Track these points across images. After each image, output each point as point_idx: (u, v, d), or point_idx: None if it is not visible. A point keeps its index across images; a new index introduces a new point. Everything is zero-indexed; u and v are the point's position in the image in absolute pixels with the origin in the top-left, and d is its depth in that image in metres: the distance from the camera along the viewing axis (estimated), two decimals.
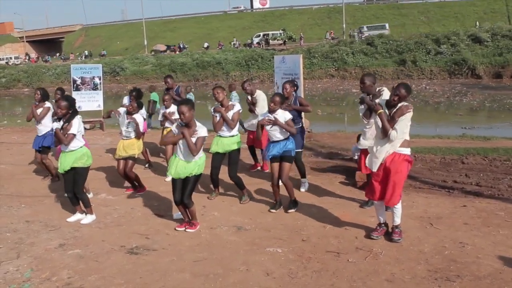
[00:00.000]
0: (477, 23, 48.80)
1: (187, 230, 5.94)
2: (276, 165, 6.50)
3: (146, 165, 9.59)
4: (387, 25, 50.49)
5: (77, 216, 6.48)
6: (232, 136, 7.09)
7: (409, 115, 5.15)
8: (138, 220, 6.46)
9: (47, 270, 4.93)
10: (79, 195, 6.33)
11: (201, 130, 5.72)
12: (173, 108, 8.37)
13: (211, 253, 5.27)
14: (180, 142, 5.78)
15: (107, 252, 5.36)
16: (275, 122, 6.31)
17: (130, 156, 7.46)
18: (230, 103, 7.13)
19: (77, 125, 6.21)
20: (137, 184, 7.76)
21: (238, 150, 7.18)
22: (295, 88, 7.54)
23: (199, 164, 5.83)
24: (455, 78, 34.69)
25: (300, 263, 4.94)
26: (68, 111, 6.18)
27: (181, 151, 5.80)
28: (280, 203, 6.66)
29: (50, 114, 8.42)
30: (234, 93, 13.87)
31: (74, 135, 6.18)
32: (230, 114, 7.04)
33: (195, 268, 4.90)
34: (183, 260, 5.09)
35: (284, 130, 6.34)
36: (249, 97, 8.81)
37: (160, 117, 8.77)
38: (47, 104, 8.46)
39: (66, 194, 6.53)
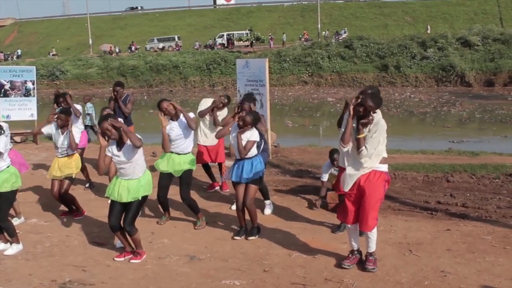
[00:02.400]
0: (428, 27, 50.67)
1: (131, 261, 5.88)
2: (241, 187, 6.55)
3: (87, 185, 9.45)
4: (176, 37, 58.99)
5: (0, 246, 6.32)
6: (186, 154, 7.07)
7: (379, 132, 5.16)
8: (74, 250, 6.36)
9: None
10: (2, 223, 6.16)
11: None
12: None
13: (158, 287, 5.23)
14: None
15: None
16: (242, 126, 6.46)
17: (66, 176, 7.36)
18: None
19: (4, 141, 6.07)
20: (74, 207, 7.64)
21: (191, 170, 7.19)
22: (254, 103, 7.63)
23: (142, 184, 5.82)
24: (442, 86, 35.71)
25: None
26: None
27: (120, 169, 5.83)
28: (245, 230, 6.68)
29: None
30: (89, 105, 14.52)
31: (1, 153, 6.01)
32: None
33: None
34: None
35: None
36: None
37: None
38: None
39: None
